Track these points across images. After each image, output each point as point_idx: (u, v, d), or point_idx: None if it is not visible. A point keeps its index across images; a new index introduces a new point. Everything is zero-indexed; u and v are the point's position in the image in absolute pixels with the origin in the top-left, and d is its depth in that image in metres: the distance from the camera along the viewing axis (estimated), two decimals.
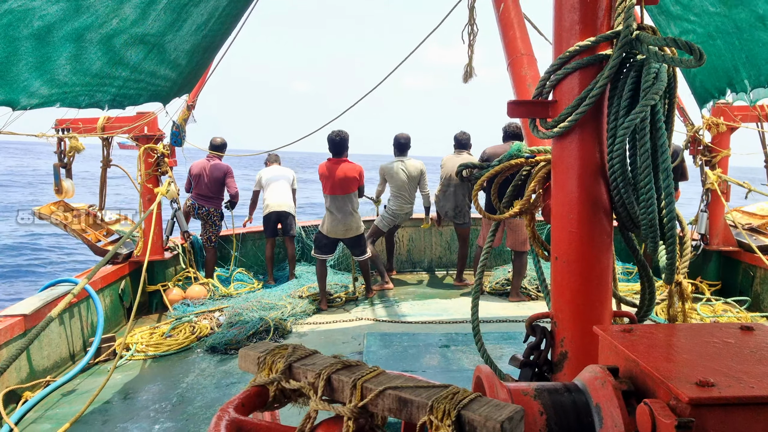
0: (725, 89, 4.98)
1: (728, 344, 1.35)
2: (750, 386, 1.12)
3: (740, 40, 4.29)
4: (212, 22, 4.67)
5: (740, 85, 4.68)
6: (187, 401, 4.28)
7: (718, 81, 4.97)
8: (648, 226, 1.83)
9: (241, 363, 1.52)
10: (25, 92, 3.47)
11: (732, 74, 4.72)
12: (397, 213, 7.52)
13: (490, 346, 4.93)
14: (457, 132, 7.69)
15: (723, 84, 4.93)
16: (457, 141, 7.65)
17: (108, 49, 3.82)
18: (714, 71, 4.94)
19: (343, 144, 6.58)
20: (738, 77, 4.67)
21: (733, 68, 4.65)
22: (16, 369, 4.40)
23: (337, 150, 6.58)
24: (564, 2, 1.93)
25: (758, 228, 6.98)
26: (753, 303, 6.42)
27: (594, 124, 1.91)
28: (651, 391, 1.21)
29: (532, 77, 3.18)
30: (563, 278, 1.99)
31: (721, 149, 6.84)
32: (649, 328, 1.47)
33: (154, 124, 6.81)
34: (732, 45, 4.40)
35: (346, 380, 1.29)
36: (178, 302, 6.61)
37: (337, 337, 5.67)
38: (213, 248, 7.53)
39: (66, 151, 6.23)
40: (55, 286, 5.29)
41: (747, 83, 4.60)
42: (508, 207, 2.54)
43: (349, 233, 6.67)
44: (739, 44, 4.35)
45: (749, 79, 4.55)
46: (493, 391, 1.30)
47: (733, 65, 4.63)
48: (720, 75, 4.89)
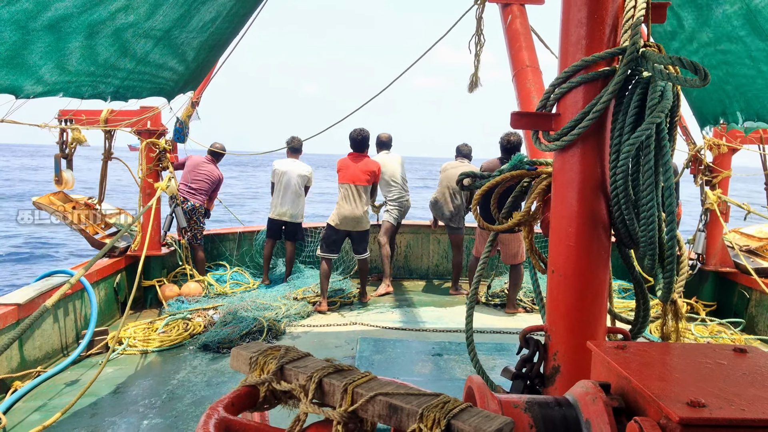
0: (719, 118, 5.07)
1: (721, 366, 1.35)
2: (741, 409, 1.12)
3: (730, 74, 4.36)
4: (219, 21, 4.68)
5: (733, 116, 4.78)
6: (176, 398, 4.27)
7: (714, 108, 5.05)
8: (647, 243, 1.83)
9: (233, 362, 1.51)
10: (31, 78, 3.47)
11: (725, 104, 4.80)
12: (401, 201, 7.62)
13: (483, 357, 4.93)
14: (459, 144, 7.92)
15: (718, 112, 5.02)
16: (459, 151, 7.85)
17: (114, 41, 3.82)
18: (709, 99, 5.01)
19: (364, 141, 6.93)
20: (730, 109, 4.75)
21: (726, 100, 4.73)
22: (6, 358, 4.38)
23: (360, 146, 6.91)
24: (571, 17, 1.93)
25: (756, 250, 6.98)
26: (747, 325, 6.42)
27: (596, 139, 1.92)
28: (642, 409, 1.21)
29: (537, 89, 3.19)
30: (559, 292, 1.99)
31: (722, 170, 6.84)
32: (643, 346, 1.47)
33: (158, 119, 6.81)
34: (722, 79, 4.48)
35: (338, 384, 1.29)
36: (172, 299, 6.59)
37: (331, 340, 5.66)
38: (199, 245, 7.49)
39: (68, 142, 6.23)
40: (50, 276, 5.27)
41: (739, 115, 4.68)
42: (507, 218, 2.54)
43: (359, 226, 6.82)
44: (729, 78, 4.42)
45: (741, 111, 4.64)
46: (484, 402, 1.29)
47: (726, 97, 4.70)
48: (714, 104, 4.97)
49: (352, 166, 6.84)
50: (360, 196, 6.78)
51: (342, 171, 6.86)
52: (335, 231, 6.79)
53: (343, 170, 6.85)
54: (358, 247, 6.99)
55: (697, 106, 5.37)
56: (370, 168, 6.88)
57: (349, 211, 6.73)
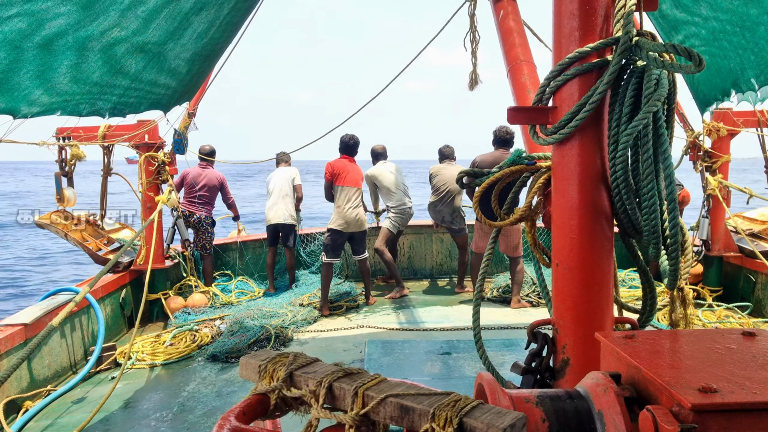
0: (730, 90, 4.95)
1: (731, 350, 1.34)
2: (753, 392, 1.12)
3: (747, 38, 4.27)
4: (213, 31, 4.68)
5: (747, 84, 4.65)
6: (188, 410, 4.27)
7: (723, 82, 4.94)
8: (650, 232, 1.83)
9: (242, 371, 1.51)
10: (25, 100, 3.48)
11: (737, 74, 4.69)
12: (403, 209, 7.64)
13: (492, 353, 4.92)
14: (441, 146, 7.96)
15: (728, 85, 4.89)
16: (442, 153, 7.87)
17: (108, 58, 3.83)
18: (718, 73, 4.92)
19: (355, 146, 7.07)
20: (744, 77, 4.64)
21: (739, 68, 4.63)
22: (16, 378, 4.38)
23: (352, 151, 7.05)
24: (563, 9, 1.93)
25: (759, 233, 6.97)
26: (755, 308, 6.41)
27: (594, 130, 1.91)
28: (653, 398, 1.21)
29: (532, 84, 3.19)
30: (564, 285, 1.99)
31: (721, 154, 6.83)
32: (651, 335, 1.47)
33: (155, 132, 6.82)
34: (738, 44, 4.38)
35: (348, 388, 1.29)
36: (178, 311, 6.59)
37: (338, 344, 5.65)
38: (209, 255, 7.52)
39: (67, 160, 6.24)
40: (55, 295, 5.28)
41: (754, 82, 4.57)
42: (508, 213, 2.53)
43: (362, 227, 6.95)
44: (745, 43, 4.32)
45: (757, 77, 4.53)
46: (495, 398, 1.29)
47: (739, 65, 4.60)
48: (724, 76, 4.86)
49: (351, 169, 6.89)
50: (359, 198, 6.91)
51: (342, 174, 6.85)
52: (341, 234, 6.83)
53: (343, 174, 6.85)
54: (358, 248, 7.04)
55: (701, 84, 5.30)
56: (362, 173, 7.15)
57: (354, 213, 6.78)
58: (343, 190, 6.82)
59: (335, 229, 6.83)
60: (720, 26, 4.27)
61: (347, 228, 6.79)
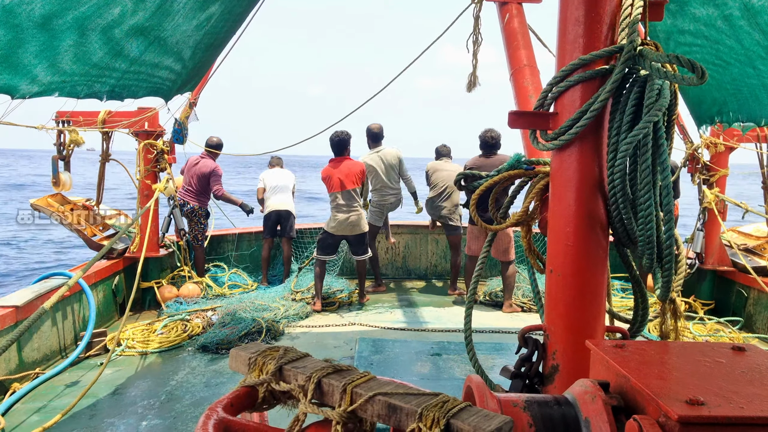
0: (715, 117, 5.07)
1: (719, 364, 1.35)
2: (740, 406, 1.12)
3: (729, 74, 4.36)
4: (214, 19, 4.65)
5: (726, 116, 4.79)
6: (175, 399, 4.26)
7: (710, 108, 5.05)
8: (645, 242, 1.83)
9: (231, 363, 1.51)
10: (26, 78, 3.45)
11: (721, 104, 4.80)
12: (381, 204, 7.52)
13: (482, 356, 4.92)
14: (438, 145, 7.96)
15: (713, 112, 5.02)
16: (439, 152, 7.87)
17: (108, 39, 3.80)
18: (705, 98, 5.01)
19: (341, 144, 6.83)
20: (725, 108, 4.76)
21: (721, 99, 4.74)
22: (5, 360, 4.37)
23: (338, 150, 6.85)
24: (568, 15, 1.93)
25: (753, 249, 6.99)
26: (746, 323, 6.43)
27: (594, 138, 1.92)
28: (641, 408, 1.21)
29: (534, 88, 3.19)
30: (557, 291, 1.99)
31: (719, 168, 6.85)
32: (641, 345, 1.47)
33: (155, 120, 6.80)
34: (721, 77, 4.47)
35: (337, 384, 1.29)
36: (171, 300, 6.59)
37: (329, 341, 5.65)
38: (200, 247, 7.49)
39: (65, 144, 6.21)
40: (48, 278, 5.26)
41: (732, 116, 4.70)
42: (504, 217, 2.54)
43: (356, 230, 6.83)
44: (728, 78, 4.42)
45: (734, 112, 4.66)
46: (483, 401, 1.29)
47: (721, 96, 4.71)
48: (710, 104, 4.97)
49: (335, 173, 6.76)
50: (351, 200, 6.75)
51: (326, 181, 6.84)
52: (331, 236, 6.86)
53: (327, 180, 6.84)
54: (356, 249, 7.00)
55: (694, 105, 5.37)
56: (354, 170, 6.78)
57: (343, 218, 6.75)
58: (332, 197, 6.82)
59: (326, 231, 6.89)
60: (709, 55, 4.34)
61: (337, 231, 6.79)
